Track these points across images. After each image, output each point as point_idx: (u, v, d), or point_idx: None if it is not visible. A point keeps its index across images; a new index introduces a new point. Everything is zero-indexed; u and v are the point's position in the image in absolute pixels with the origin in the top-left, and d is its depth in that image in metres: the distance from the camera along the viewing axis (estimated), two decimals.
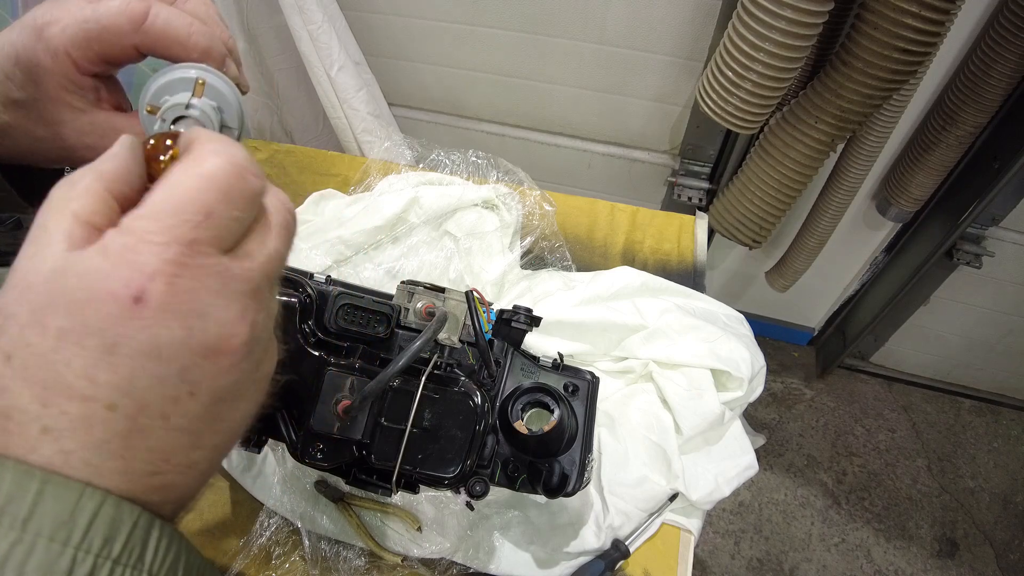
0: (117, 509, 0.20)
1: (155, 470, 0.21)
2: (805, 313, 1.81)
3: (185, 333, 0.21)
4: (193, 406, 0.22)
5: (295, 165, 1.05)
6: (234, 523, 0.68)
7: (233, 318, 0.22)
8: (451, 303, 0.53)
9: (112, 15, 0.28)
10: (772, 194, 1.06)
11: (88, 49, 0.29)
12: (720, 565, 1.54)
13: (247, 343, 0.22)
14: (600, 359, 0.76)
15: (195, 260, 0.21)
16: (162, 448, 0.21)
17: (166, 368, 0.21)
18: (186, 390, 0.21)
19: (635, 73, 1.17)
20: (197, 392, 0.22)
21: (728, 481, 0.67)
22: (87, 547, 0.19)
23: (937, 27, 0.77)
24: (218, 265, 0.21)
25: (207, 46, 0.30)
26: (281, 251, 0.24)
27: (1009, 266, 1.38)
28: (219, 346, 0.22)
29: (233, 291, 0.22)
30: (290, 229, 0.25)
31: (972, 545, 1.59)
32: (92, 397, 0.20)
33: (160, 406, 0.21)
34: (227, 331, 0.22)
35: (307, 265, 0.82)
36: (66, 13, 0.29)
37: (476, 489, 0.49)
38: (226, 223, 0.22)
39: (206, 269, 0.21)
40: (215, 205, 0.21)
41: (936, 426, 1.81)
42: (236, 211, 0.22)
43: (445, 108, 1.42)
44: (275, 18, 1.17)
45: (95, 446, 0.20)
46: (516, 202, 0.91)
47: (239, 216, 0.22)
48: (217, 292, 0.21)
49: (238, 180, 0.22)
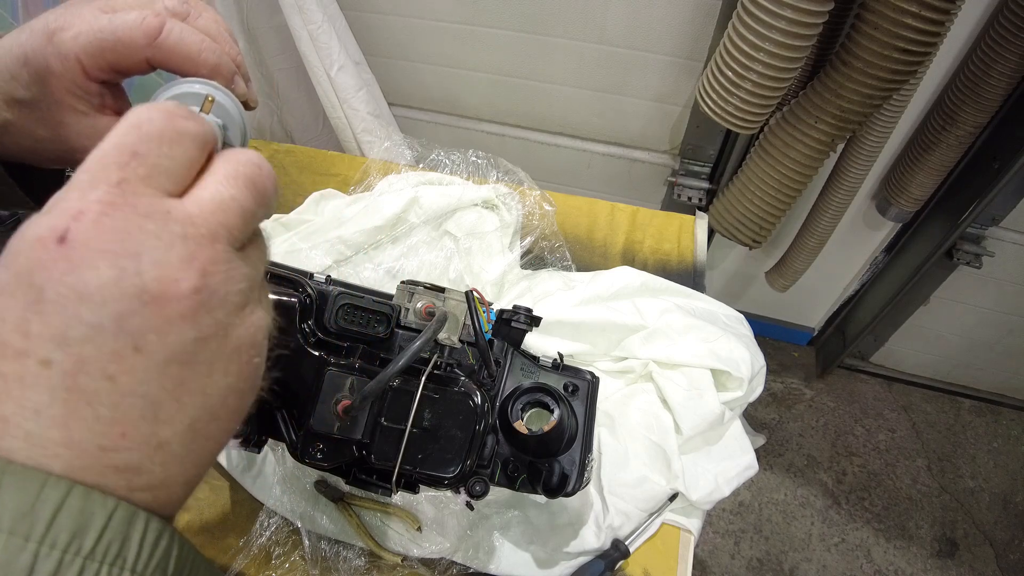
0: (86, 500, 0.18)
1: (108, 445, 0.19)
2: (805, 313, 1.81)
3: (115, 273, 0.19)
4: (142, 365, 0.20)
5: (295, 165, 1.05)
6: (234, 523, 0.68)
7: (174, 261, 0.20)
8: (451, 303, 0.53)
9: (128, 28, 0.29)
10: (772, 194, 1.06)
11: (100, 58, 0.29)
12: (720, 565, 1.54)
13: (196, 291, 0.20)
14: (600, 359, 0.76)
15: (125, 199, 0.20)
16: (113, 418, 0.19)
17: (99, 314, 0.19)
18: (129, 344, 0.19)
19: (635, 73, 1.17)
20: (144, 348, 0.20)
21: (728, 481, 0.67)
22: (52, 542, 0.17)
23: (937, 27, 0.77)
24: (154, 204, 0.20)
25: (216, 63, 0.30)
26: (240, 200, 0.23)
27: (1009, 266, 1.38)
28: (160, 291, 0.20)
29: (174, 232, 0.20)
30: (257, 183, 0.23)
31: (972, 545, 1.59)
32: (24, 352, 0.18)
33: (102, 363, 0.19)
34: (167, 274, 0.20)
35: (307, 265, 0.82)
36: (80, 20, 0.29)
37: (476, 489, 0.49)
38: (157, 162, 0.21)
39: (139, 208, 0.20)
40: (140, 145, 0.21)
41: (936, 426, 1.81)
42: (166, 149, 0.21)
43: (445, 108, 1.42)
44: (275, 18, 1.17)
45: (33, 411, 0.18)
46: (516, 202, 0.91)
47: (170, 155, 0.21)
48: (154, 233, 0.20)
49: (166, 121, 0.22)
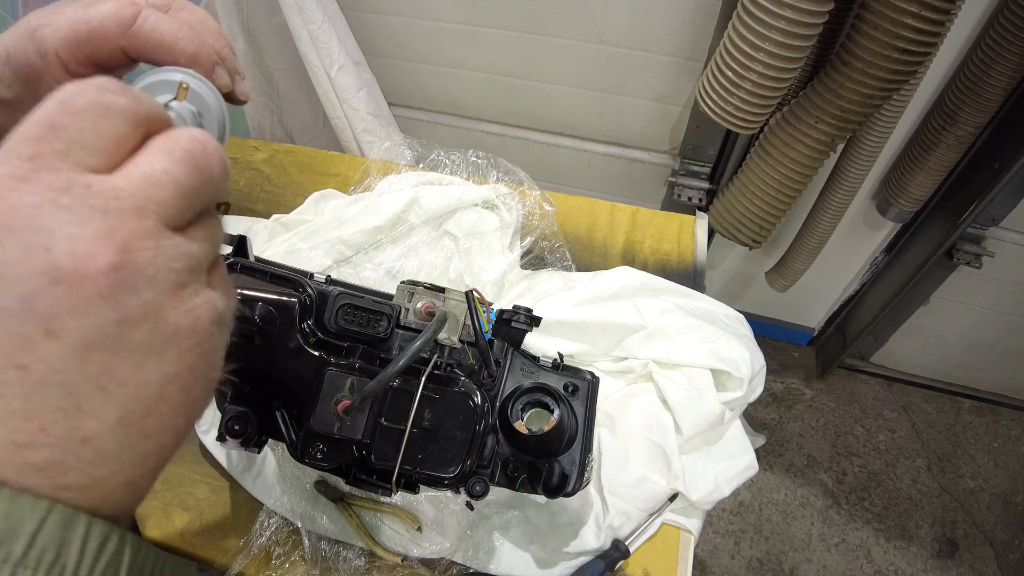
0: (11, 504, 0.17)
1: (24, 441, 0.18)
2: (805, 313, 1.81)
3: (22, 250, 0.18)
4: (56, 351, 0.18)
5: (295, 165, 1.05)
6: (234, 523, 0.68)
7: (90, 236, 0.18)
8: (451, 303, 0.53)
9: (101, 17, 0.28)
10: (772, 194, 1.06)
11: (77, 51, 0.29)
12: (720, 565, 1.54)
13: (115, 268, 0.19)
14: (600, 359, 0.76)
15: (37, 174, 0.19)
16: (27, 411, 0.18)
17: (3, 296, 0.17)
18: (40, 328, 0.18)
19: (635, 73, 1.17)
20: (57, 332, 0.18)
21: (728, 481, 0.67)
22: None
23: (937, 27, 0.77)
24: (72, 179, 0.19)
25: (194, 52, 0.30)
26: (174, 174, 0.21)
27: (1009, 266, 1.38)
28: (72, 267, 0.18)
29: (92, 206, 0.19)
30: (198, 159, 0.22)
31: (972, 545, 1.59)
32: None
33: (10, 350, 0.18)
34: (81, 248, 0.18)
35: (307, 265, 0.83)
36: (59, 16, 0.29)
37: (476, 489, 0.49)
38: (77, 136, 0.20)
39: (52, 183, 0.19)
40: (60, 118, 0.20)
41: (936, 426, 1.81)
42: (89, 123, 0.20)
43: (445, 108, 1.42)
44: (275, 18, 1.17)
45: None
46: (516, 202, 0.91)
47: (93, 128, 0.20)
48: (68, 207, 0.18)
49: (92, 94, 0.20)
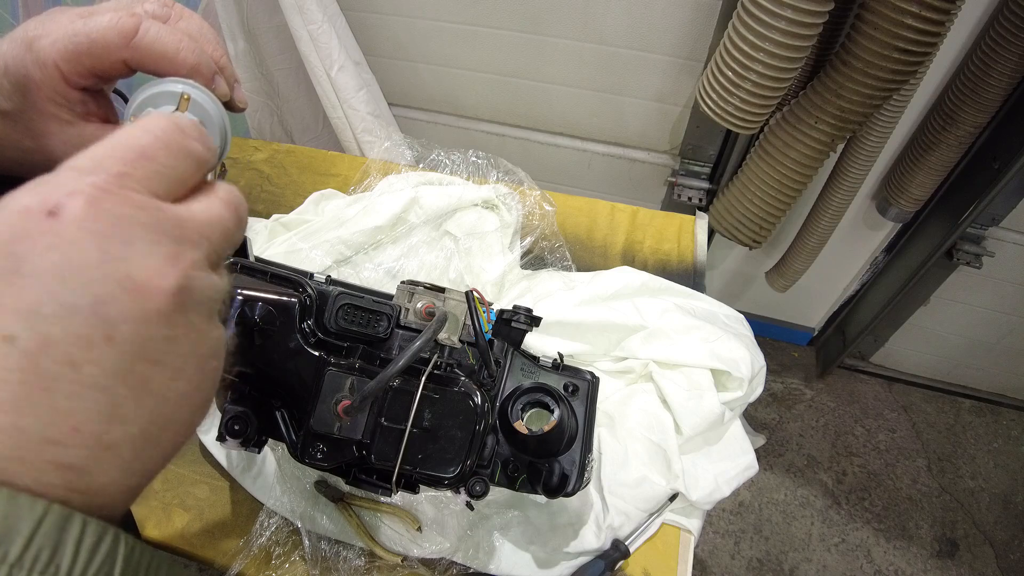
0: (10, 503, 0.17)
1: (56, 438, 0.18)
2: (805, 313, 1.81)
3: (101, 256, 0.18)
4: (111, 356, 0.19)
5: (295, 165, 1.05)
6: (234, 523, 0.68)
7: (162, 257, 0.20)
8: (451, 303, 0.53)
9: (102, 29, 0.28)
10: (772, 194, 1.06)
11: (77, 63, 0.29)
12: (720, 565, 1.54)
13: (178, 292, 0.20)
14: (600, 359, 0.76)
15: (123, 191, 0.20)
16: (69, 409, 0.18)
17: (77, 295, 0.18)
18: (102, 331, 0.18)
19: (635, 73, 1.17)
20: (115, 337, 0.19)
21: (728, 481, 0.67)
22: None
23: (937, 27, 0.77)
24: (149, 202, 0.20)
25: (195, 63, 0.30)
26: (225, 220, 0.23)
27: (1009, 266, 1.38)
28: (144, 281, 0.19)
29: (164, 231, 0.20)
30: (239, 209, 0.24)
31: (972, 545, 1.59)
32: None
33: (69, 347, 0.18)
34: (153, 267, 0.19)
35: (307, 265, 0.83)
36: (57, 26, 0.29)
37: (476, 489, 0.49)
38: (161, 168, 0.21)
39: (134, 201, 0.20)
40: (150, 149, 0.21)
41: (936, 426, 1.81)
42: (172, 160, 0.21)
43: (445, 108, 1.42)
44: (275, 18, 1.17)
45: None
46: (516, 202, 0.91)
47: (173, 165, 0.21)
48: (146, 224, 0.20)
49: (178, 135, 0.22)
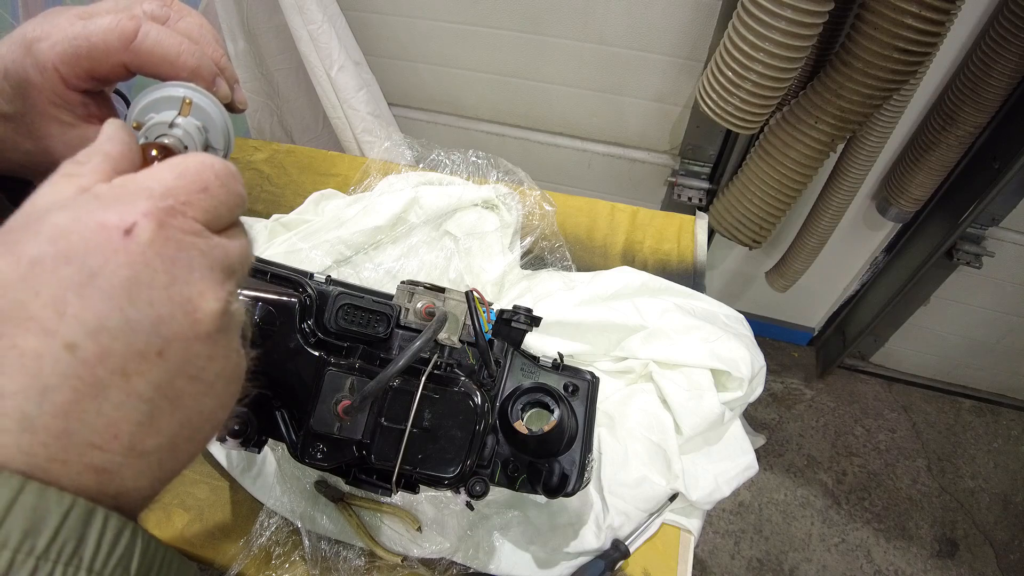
0: (40, 497, 0.17)
1: (98, 443, 0.19)
2: (805, 313, 1.81)
3: (168, 279, 0.20)
4: (158, 372, 0.20)
5: (295, 165, 1.05)
6: (234, 523, 0.68)
7: (215, 283, 0.22)
8: (451, 303, 0.53)
9: (102, 33, 0.28)
10: (772, 194, 1.06)
11: (76, 66, 0.29)
12: (720, 565, 1.54)
13: (222, 315, 0.22)
14: (600, 359, 0.76)
15: (185, 218, 0.21)
16: (113, 417, 0.19)
17: (142, 312, 0.19)
18: (156, 348, 0.20)
19: (635, 73, 1.17)
20: (166, 354, 0.20)
21: (728, 481, 0.67)
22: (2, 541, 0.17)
23: (937, 27, 0.77)
24: (204, 232, 0.22)
25: (196, 65, 0.30)
26: (248, 251, 0.25)
27: (1009, 266, 1.38)
28: (198, 306, 0.21)
29: (214, 260, 0.22)
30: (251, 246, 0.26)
31: (972, 545, 1.59)
32: (53, 331, 0.18)
33: (124, 359, 0.19)
34: (208, 292, 0.21)
35: (307, 265, 0.82)
36: (56, 29, 0.28)
37: (476, 489, 0.49)
38: (217, 204, 0.23)
39: (195, 229, 0.22)
40: (212, 183, 0.23)
41: (936, 426, 1.81)
42: (225, 196, 0.23)
43: (445, 108, 1.42)
44: (275, 18, 1.17)
45: (38, 393, 0.18)
46: (516, 202, 0.91)
47: (227, 202, 0.23)
48: (203, 253, 0.21)
49: (230, 176, 0.24)
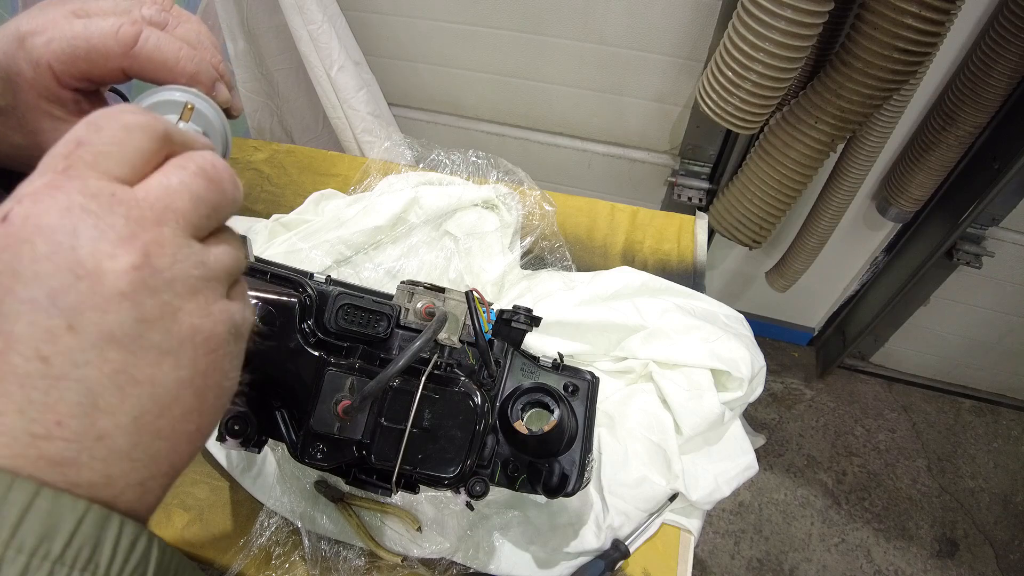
0: (55, 502, 0.18)
1: (41, 433, 0.18)
2: (805, 313, 1.81)
3: (49, 248, 0.19)
4: (77, 345, 0.19)
5: (295, 165, 1.05)
6: (234, 523, 0.68)
7: (113, 238, 0.20)
8: (451, 303, 0.53)
9: (102, 36, 0.28)
10: (772, 194, 1.06)
11: (72, 66, 0.28)
12: (720, 565, 1.54)
13: (135, 268, 0.20)
14: (600, 359, 0.76)
15: (68, 183, 0.20)
16: (47, 403, 0.19)
17: (32, 289, 0.19)
18: (63, 321, 0.19)
19: (635, 73, 1.17)
20: (79, 326, 0.19)
21: (728, 481, 0.67)
22: (18, 545, 0.17)
23: (937, 27, 0.77)
24: (99, 187, 0.21)
25: (195, 71, 0.29)
26: (190, 186, 0.23)
27: (1009, 266, 1.38)
28: (95, 266, 0.19)
29: (116, 212, 0.20)
30: (209, 172, 0.23)
31: (972, 545, 1.59)
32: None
33: (34, 342, 0.19)
34: (105, 250, 0.20)
35: (307, 265, 0.83)
36: (53, 25, 0.28)
37: (476, 489, 0.49)
38: (103, 149, 0.21)
39: (82, 189, 0.20)
40: (87, 135, 0.22)
41: (936, 426, 1.81)
42: (113, 136, 0.22)
43: (445, 108, 1.42)
44: (275, 18, 1.17)
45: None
46: (516, 202, 0.91)
47: (117, 142, 0.22)
48: (94, 212, 0.20)
49: (117, 113, 0.22)
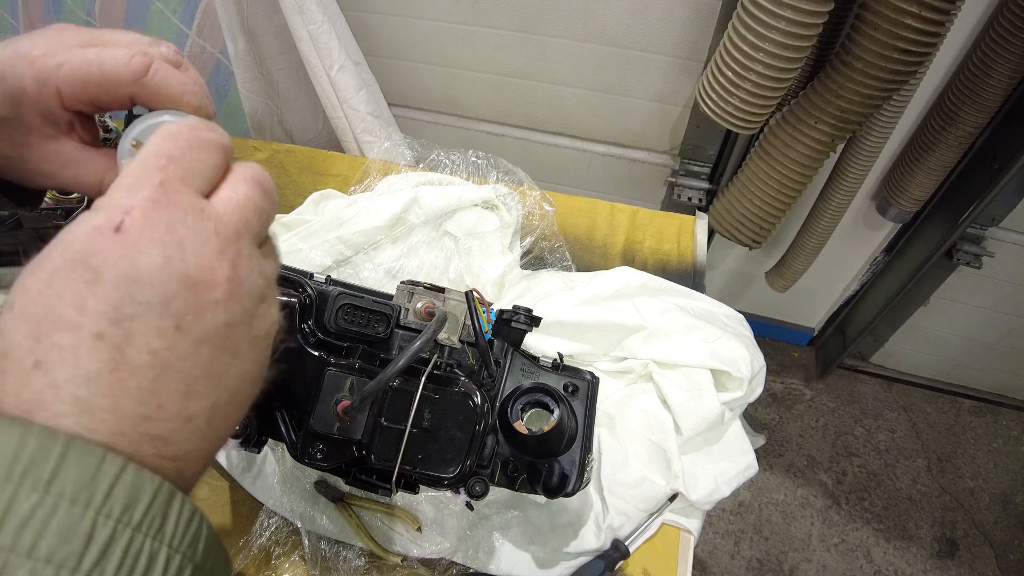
0: (137, 476, 0.20)
1: (147, 414, 0.21)
2: (805, 313, 1.81)
3: (164, 260, 0.22)
4: (182, 343, 0.22)
5: (295, 165, 1.05)
6: (234, 523, 0.68)
7: (211, 252, 0.23)
8: (451, 303, 0.53)
9: (115, 64, 0.29)
10: (772, 194, 1.06)
11: (82, 90, 0.29)
12: (720, 565, 1.54)
13: (230, 280, 0.23)
14: (600, 359, 0.76)
15: (168, 197, 0.23)
16: (153, 390, 0.22)
17: (149, 294, 0.21)
18: (172, 323, 0.22)
19: (635, 73, 1.17)
20: (184, 327, 0.22)
21: (728, 481, 0.67)
22: (108, 511, 0.19)
23: (937, 27, 0.77)
24: (192, 202, 0.23)
25: (199, 105, 0.31)
26: (253, 199, 0.26)
27: (1009, 266, 1.38)
28: (200, 277, 0.22)
29: (209, 228, 0.23)
30: (263, 184, 0.27)
31: (972, 545, 1.59)
32: (80, 326, 0.21)
33: (147, 338, 0.21)
34: (206, 263, 0.23)
35: (307, 265, 0.82)
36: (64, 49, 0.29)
37: (476, 489, 0.49)
38: (190, 165, 0.24)
39: (180, 205, 0.23)
40: (175, 150, 0.24)
41: (936, 426, 1.81)
42: (196, 154, 0.24)
43: (445, 108, 1.42)
44: (275, 18, 1.17)
45: (84, 379, 0.20)
46: (516, 202, 0.91)
47: (200, 159, 0.24)
48: (192, 227, 0.23)
49: (193, 131, 0.25)
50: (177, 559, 0.21)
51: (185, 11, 1.24)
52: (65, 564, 0.18)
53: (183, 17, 1.25)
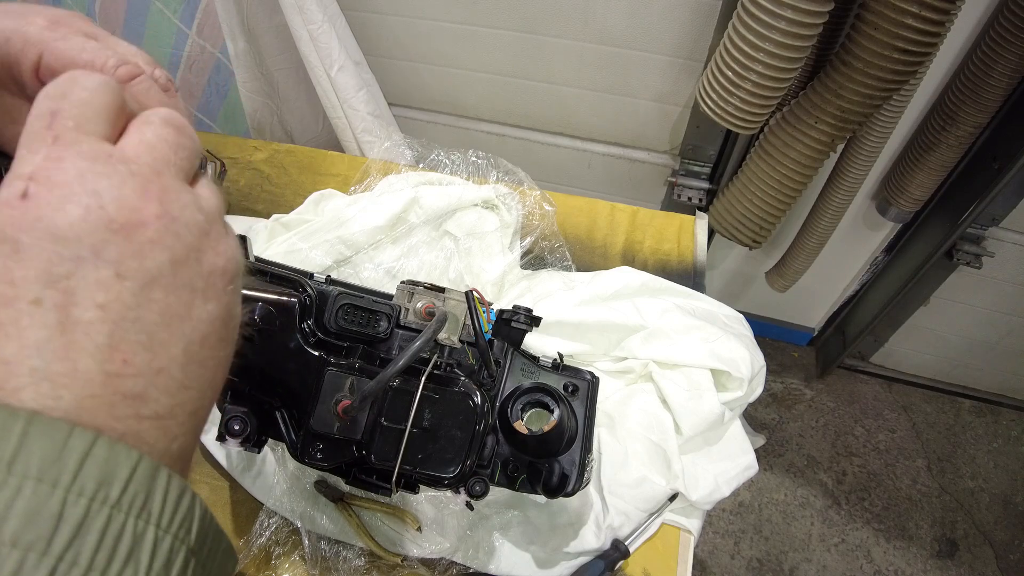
0: (111, 450, 0.19)
1: (114, 371, 0.21)
2: (805, 313, 1.81)
3: (82, 211, 0.21)
4: (128, 290, 0.21)
5: (295, 165, 1.05)
6: (234, 523, 0.68)
7: (131, 193, 0.22)
8: (451, 303, 0.53)
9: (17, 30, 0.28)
10: (772, 194, 1.06)
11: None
12: (720, 565, 1.54)
13: (159, 216, 0.22)
14: (600, 359, 0.76)
15: (67, 150, 0.22)
16: (112, 345, 0.21)
17: (76, 248, 0.20)
18: (111, 271, 0.21)
19: (635, 73, 1.17)
20: (125, 273, 0.21)
21: (728, 481, 0.67)
22: (79, 489, 0.18)
23: (937, 27, 0.77)
24: (95, 148, 0.22)
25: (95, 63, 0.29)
26: (164, 135, 0.25)
27: (1009, 266, 1.38)
28: (126, 219, 0.22)
29: (121, 171, 0.22)
30: (172, 121, 0.25)
31: (972, 545, 1.59)
32: (14, 298, 0.20)
33: (90, 292, 0.21)
34: (129, 205, 0.22)
35: (307, 265, 0.83)
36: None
37: (476, 489, 0.49)
38: (80, 112, 0.23)
39: (84, 154, 0.22)
40: (54, 104, 0.23)
41: (936, 426, 1.81)
42: (82, 99, 0.23)
43: (445, 108, 1.42)
44: (275, 18, 1.17)
45: (34, 348, 0.20)
46: (516, 202, 0.91)
47: (87, 102, 0.23)
48: (104, 173, 0.22)
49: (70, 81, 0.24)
50: (167, 540, 0.20)
51: (185, 11, 1.24)
52: (33, 547, 0.17)
53: (183, 17, 1.25)
